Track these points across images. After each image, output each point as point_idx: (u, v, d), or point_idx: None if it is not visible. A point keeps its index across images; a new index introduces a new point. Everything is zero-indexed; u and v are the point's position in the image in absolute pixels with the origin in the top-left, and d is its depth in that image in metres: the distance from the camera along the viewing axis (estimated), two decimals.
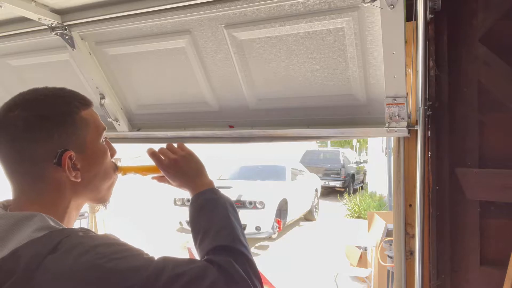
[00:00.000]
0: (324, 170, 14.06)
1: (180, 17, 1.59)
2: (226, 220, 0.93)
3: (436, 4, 1.51)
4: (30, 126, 0.79)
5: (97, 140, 0.89)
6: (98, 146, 0.89)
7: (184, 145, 1.11)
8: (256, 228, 7.39)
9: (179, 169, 1.05)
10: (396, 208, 1.73)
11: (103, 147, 0.91)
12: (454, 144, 1.63)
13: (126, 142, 2.18)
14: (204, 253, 0.86)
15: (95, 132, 0.88)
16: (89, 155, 0.86)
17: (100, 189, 0.91)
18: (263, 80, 1.74)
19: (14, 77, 2.17)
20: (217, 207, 0.96)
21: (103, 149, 0.90)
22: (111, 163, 0.94)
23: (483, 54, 1.56)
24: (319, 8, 1.43)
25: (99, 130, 0.90)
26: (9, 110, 0.80)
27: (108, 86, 1.99)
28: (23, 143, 0.79)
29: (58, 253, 0.68)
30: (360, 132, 1.73)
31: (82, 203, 0.90)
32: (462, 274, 1.64)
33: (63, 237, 0.71)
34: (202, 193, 1.00)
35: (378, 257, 4.47)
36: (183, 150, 1.08)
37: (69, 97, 0.86)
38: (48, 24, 1.71)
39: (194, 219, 0.96)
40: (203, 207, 0.97)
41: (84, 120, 0.86)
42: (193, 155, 1.08)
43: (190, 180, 1.04)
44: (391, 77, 1.46)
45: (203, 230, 0.91)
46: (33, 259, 0.67)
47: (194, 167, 1.06)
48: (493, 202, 1.59)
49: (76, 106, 0.85)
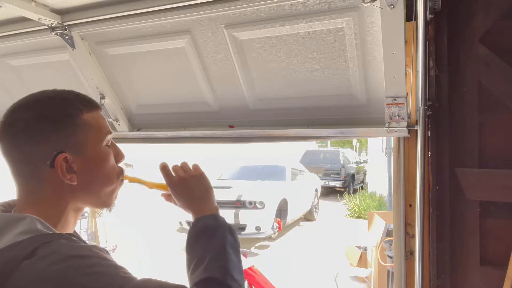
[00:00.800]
0: (324, 170, 14.05)
1: (180, 17, 1.59)
2: (222, 250, 0.87)
3: (436, 4, 1.51)
4: (29, 126, 0.79)
5: (98, 143, 0.87)
6: (99, 149, 0.87)
7: (198, 166, 1.06)
8: (256, 228, 7.38)
9: (185, 188, 1.01)
10: (396, 208, 1.73)
11: (105, 151, 0.88)
12: (454, 144, 1.63)
13: (126, 142, 2.18)
14: (194, 283, 0.83)
15: (97, 135, 0.86)
16: (88, 158, 0.84)
17: (100, 194, 0.88)
18: (263, 80, 1.74)
19: (14, 77, 2.17)
20: (216, 234, 0.91)
21: (104, 153, 0.88)
22: (116, 168, 0.91)
23: (483, 54, 1.56)
24: (319, 8, 1.43)
25: (102, 134, 0.87)
26: (14, 111, 0.81)
27: (108, 86, 1.99)
28: (24, 144, 0.79)
29: (33, 258, 0.67)
30: (360, 132, 1.73)
31: (81, 207, 0.88)
32: (462, 274, 1.64)
33: (43, 243, 0.69)
34: (203, 218, 0.95)
35: (378, 257, 4.47)
36: (196, 171, 1.04)
37: (72, 99, 0.85)
38: (48, 24, 1.71)
39: (190, 245, 0.91)
40: (201, 233, 0.92)
41: (86, 123, 0.84)
42: (204, 177, 1.04)
43: (195, 202, 0.99)
44: (391, 77, 1.46)
45: (197, 257, 0.87)
46: (8, 263, 0.67)
47: (202, 190, 1.01)
48: (493, 202, 1.59)
49: (78, 108, 0.84)
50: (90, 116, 0.86)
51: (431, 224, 1.64)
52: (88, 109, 0.86)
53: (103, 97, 1.98)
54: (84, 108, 0.85)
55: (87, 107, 0.86)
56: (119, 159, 0.92)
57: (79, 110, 0.84)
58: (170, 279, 0.91)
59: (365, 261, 5.59)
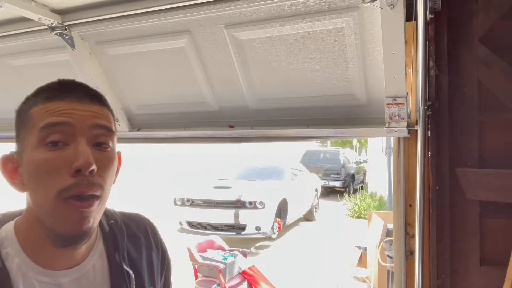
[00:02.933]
0: (324, 170, 14.05)
1: (180, 17, 1.59)
2: None
3: (436, 4, 1.51)
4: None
5: (32, 143, 0.68)
6: (33, 153, 0.67)
7: None
8: (256, 228, 7.38)
9: None
10: (396, 208, 1.73)
11: (39, 156, 0.67)
12: (454, 144, 1.63)
13: (126, 142, 2.18)
14: None
15: (33, 133, 0.68)
16: (25, 164, 0.69)
17: (39, 214, 0.69)
18: (263, 80, 1.74)
19: (14, 77, 2.17)
20: None
21: (37, 158, 0.67)
22: (56, 179, 0.66)
23: (483, 54, 1.56)
24: (319, 8, 1.43)
25: (35, 129, 0.68)
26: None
27: (108, 86, 1.99)
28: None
29: None
30: (360, 132, 1.73)
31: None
32: (462, 274, 1.64)
33: None
34: None
35: (378, 257, 4.47)
36: None
37: (35, 91, 0.73)
38: (48, 24, 1.71)
39: None
40: None
41: (29, 119, 0.70)
42: None
43: None
44: (391, 77, 1.46)
45: None
46: None
47: None
48: (493, 202, 1.59)
49: (34, 101, 0.71)
50: (40, 108, 0.69)
51: (431, 224, 1.64)
52: (44, 100, 0.70)
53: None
54: (40, 100, 0.70)
55: (45, 99, 0.70)
56: (74, 166, 0.65)
57: (34, 103, 0.71)
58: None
59: (365, 261, 5.59)
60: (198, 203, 7.69)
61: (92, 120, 0.70)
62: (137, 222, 0.89)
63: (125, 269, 0.78)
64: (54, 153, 0.66)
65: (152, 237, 0.89)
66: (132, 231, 0.86)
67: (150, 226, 0.91)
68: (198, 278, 4.72)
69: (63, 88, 0.71)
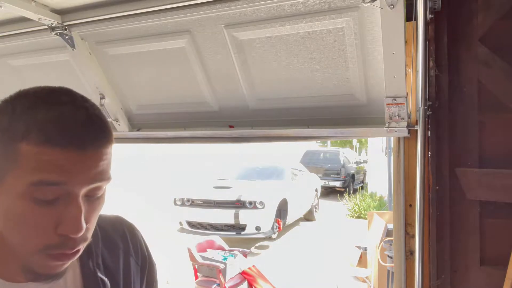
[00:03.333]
0: (324, 170, 14.05)
1: (180, 17, 1.59)
2: None
3: (436, 4, 1.51)
4: None
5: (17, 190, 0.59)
6: (17, 201, 0.59)
7: None
8: (256, 228, 7.38)
9: None
10: (396, 208, 1.73)
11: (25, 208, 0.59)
12: (454, 144, 1.63)
13: (126, 142, 2.18)
14: None
15: (19, 177, 0.58)
16: (3, 203, 0.61)
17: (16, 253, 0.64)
18: (263, 80, 1.74)
19: (14, 77, 2.17)
20: None
21: (22, 210, 0.59)
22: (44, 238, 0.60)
23: (483, 54, 1.56)
24: (319, 8, 1.43)
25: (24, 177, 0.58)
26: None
27: (108, 86, 1.99)
28: None
29: None
30: (360, 132, 1.73)
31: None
32: (462, 274, 1.64)
33: None
34: None
35: (378, 257, 4.46)
36: None
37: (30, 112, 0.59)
38: (48, 24, 1.71)
39: None
40: None
41: (17, 153, 0.58)
42: None
43: None
44: (391, 77, 1.46)
45: None
46: None
47: None
48: (493, 202, 1.59)
49: (22, 125, 0.58)
50: (32, 150, 0.57)
51: (431, 224, 1.64)
52: (39, 140, 0.57)
53: (103, 97, 1.98)
54: (34, 137, 0.57)
55: (41, 140, 0.57)
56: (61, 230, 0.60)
57: (25, 133, 0.58)
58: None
59: (365, 261, 5.59)
60: (198, 203, 7.69)
61: (93, 177, 0.61)
62: (115, 226, 0.83)
63: (99, 276, 0.73)
64: (41, 209, 0.59)
65: (131, 241, 0.82)
66: (108, 236, 0.79)
67: (129, 230, 0.84)
68: (198, 278, 4.73)
69: (64, 130, 0.58)
